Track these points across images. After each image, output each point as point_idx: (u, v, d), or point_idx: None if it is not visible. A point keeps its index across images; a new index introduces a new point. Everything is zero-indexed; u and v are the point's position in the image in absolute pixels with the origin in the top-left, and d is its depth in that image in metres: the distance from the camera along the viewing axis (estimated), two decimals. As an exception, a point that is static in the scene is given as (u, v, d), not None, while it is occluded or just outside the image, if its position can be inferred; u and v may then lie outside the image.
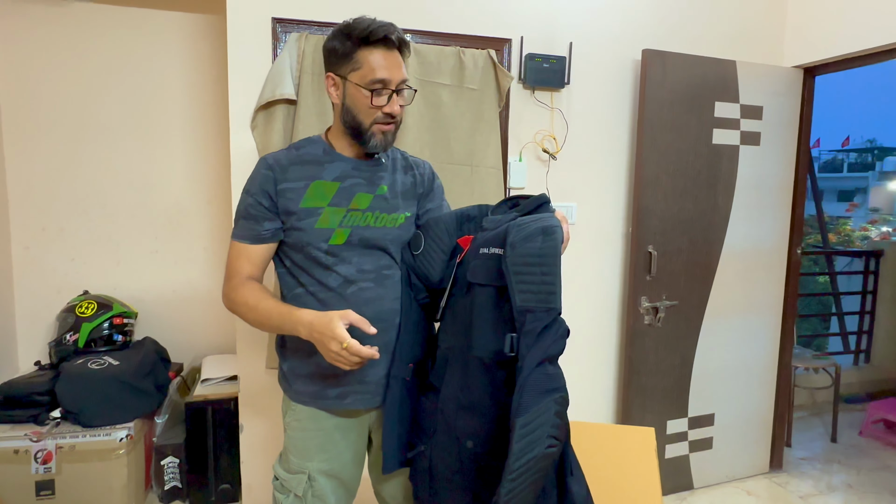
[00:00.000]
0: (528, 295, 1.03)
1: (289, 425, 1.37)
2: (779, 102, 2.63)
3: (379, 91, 1.24)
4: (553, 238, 1.04)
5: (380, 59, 1.23)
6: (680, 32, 2.54)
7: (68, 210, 2.59)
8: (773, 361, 2.81)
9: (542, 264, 1.03)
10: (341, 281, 1.29)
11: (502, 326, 1.09)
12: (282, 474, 1.37)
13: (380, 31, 1.22)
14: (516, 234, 1.07)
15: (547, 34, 2.36)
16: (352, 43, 1.23)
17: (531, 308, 1.02)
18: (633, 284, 2.49)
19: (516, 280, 1.03)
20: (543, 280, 1.03)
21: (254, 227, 1.29)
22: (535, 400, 0.99)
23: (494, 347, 1.10)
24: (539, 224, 1.07)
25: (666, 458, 2.61)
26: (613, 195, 2.56)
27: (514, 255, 1.05)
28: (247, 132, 2.06)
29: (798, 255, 2.80)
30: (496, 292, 1.11)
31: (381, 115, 1.26)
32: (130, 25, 2.58)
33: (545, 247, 1.03)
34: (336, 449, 1.37)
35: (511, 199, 1.29)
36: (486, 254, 1.14)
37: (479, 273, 1.16)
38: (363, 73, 1.23)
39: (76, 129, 2.57)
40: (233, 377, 2.43)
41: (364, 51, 1.23)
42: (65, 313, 2.48)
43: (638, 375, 2.53)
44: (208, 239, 2.76)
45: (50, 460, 2.14)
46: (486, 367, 1.13)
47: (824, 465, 3.01)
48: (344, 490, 1.40)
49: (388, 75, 1.24)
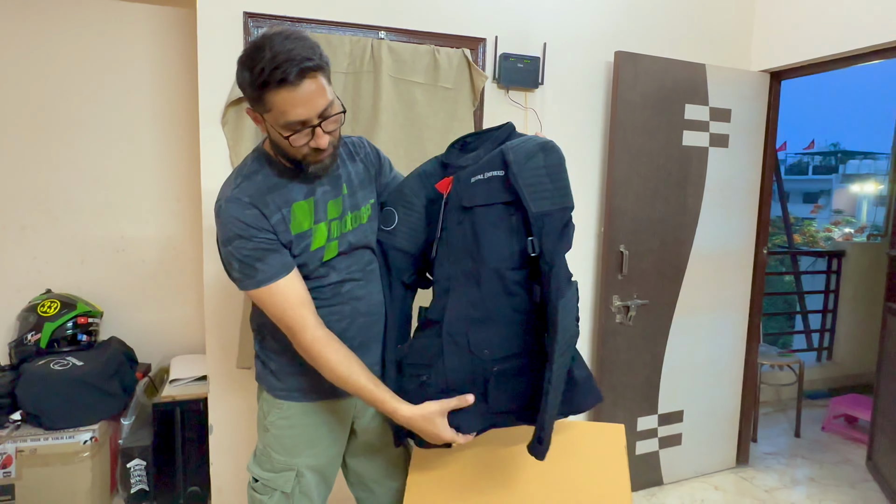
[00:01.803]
0: (543, 201, 1.16)
1: (273, 424, 1.35)
2: (746, 106, 2.70)
3: (298, 129, 1.13)
4: (554, 150, 1.20)
5: (287, 100, 1.08)
6: (652, 35, 2.58)
7: (30, 208, 2.50)
8: (739, 359, 2.88)
9: (550, 173, 1.17)
10: (333, 285, 1.30)
11: (514, 235, 1.20)
12: (263, 474, 1.35)
13: (276, 74, 1.05)
14: (516, 155, 1.19)
15: (521, 34, 2.37)
16: (254, 86, 1.09)
17: (548, 211, 1.16)
18: (605, 283, 2.52)
19: (529, 192, 1.16)
20: (555, 186, 1.17)
21: (277, 258, 1.20)
22: (567, 285, 1.16)
23: (509, 255, 1.21)
24: (534, 142, 1.21)
25: (636, 454, 2.65)
26: (586, 195, 2.59)
27: (522, 171, 1.17)
28: (217, 128, 2.03)
29: (764, 254, 2.87)
30: (503, 207, 1.20)
31: (309, 151, 1.17)
32: (97, 18, 2.50)
33: (549, 158, 1.18)
34: (323, 444, 1.38)
35: (458, 140, 1.36)
36: (481, 179, 1.23)
37: (479, 196, 1.23)
38: (275, 115, 1.11)
39: (38, 125, 2.48)
40: (202, 377, 2.39)
41: (269, 94, 1.08)
42: (26, 312, 2.40)
43: (610, 373, 2.56)
44: (177, 238, 2.70)
45: (10, 464, 2.07)
46: (500, 275, 1.22)
47: (789, 459, 3.09)
48: (325, 485, 1.43)
49: (304, 115, 1.11)
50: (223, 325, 2.15)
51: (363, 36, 2.12)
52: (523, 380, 1.25)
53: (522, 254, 1.20)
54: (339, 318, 1.30)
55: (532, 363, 1.25)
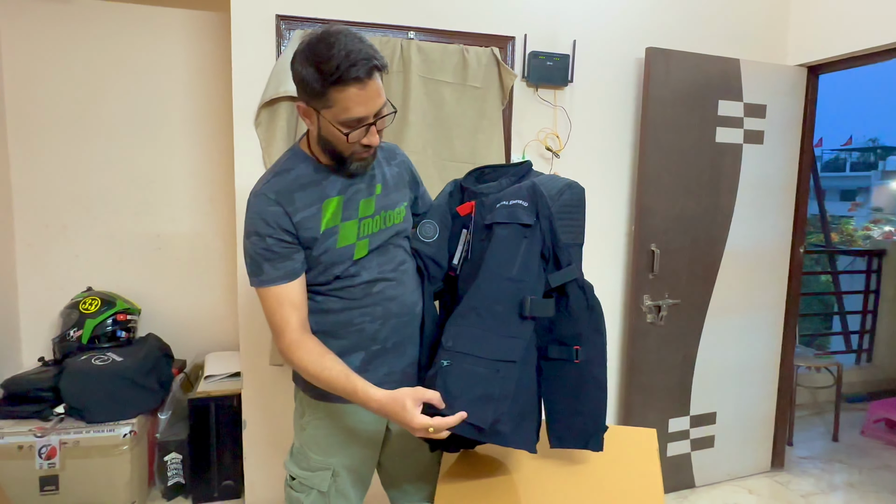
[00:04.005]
0: (568, 235, 1.30)
1: (309, 423, 1.37)
2: (782, 101, 2.63)
3: (355, 126, 1.15)
4: (578, 190, 1.34)
5: (353, 97, 1.11)
6: (684, 30, 2.53)
7: (72, 207, 2.59)
8: (775, 360, 2.81)
9: (573, 211, 1.32)
10: (364, 284, 1.29)
11: (519, 252, 1.27)
12: (300, 473, 1.36)
13: (352, 71, 1.08)
14: (549, 190, 1.31)
15: (550, 32, 2.36)
16: (322, 82, 1.10)
17: (571, 244, 1.31)
18: (636, 283, 2.49)
19: (560, 225, 1.29)
20: (577, 223, 1.33)
21: (285, 264, 1.21)
22: (591, 293, 1.31)
23: (508, 266, 1.27)
24: (562, 181, 1.35)
25: (667, 456, 2.61)
26: (616, 193, 2.56)
27: (554, 205, 1.29)
28: (250, 129, 2.07)
29: (801, 254, 2.80)
30: (519, 227, 1.28)
31: (360, 147, 1.19)
32: (134, 23, 2.58)
33: (573, 198, 1.32)
34: (357, 444, 1.38)
35: (476, 169, 1.46)
36: (506, 205, 1.31)
37: (501, 217, 1.30)
38: (336, 112, 1.13)
39: (80, 127, 2.57)
40: (236, 374, 2.44)
41: (336, 91, 1.10)
42: (68, 309, 2.48)
43: (639, 374, 2.53)
44: (211, 236, 2.76)
45: (54, 456, 2.15)
46: (495, 281, 1.27)
47: (826, 464, 3.01)
48: (362, 484, 1.43)
49: (364, 112, 1.14)
50: (256, 323, 2.19)
51: (393, 36, 2.14)
52: (470, 382, 1.20)
53: (528, 270, 1.26)
54: (372, 319, 1.30)
55: (491, 374, 1.21)
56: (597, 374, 1.30)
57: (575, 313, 1.29)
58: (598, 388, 1.30)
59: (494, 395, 1.20)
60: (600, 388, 1.31)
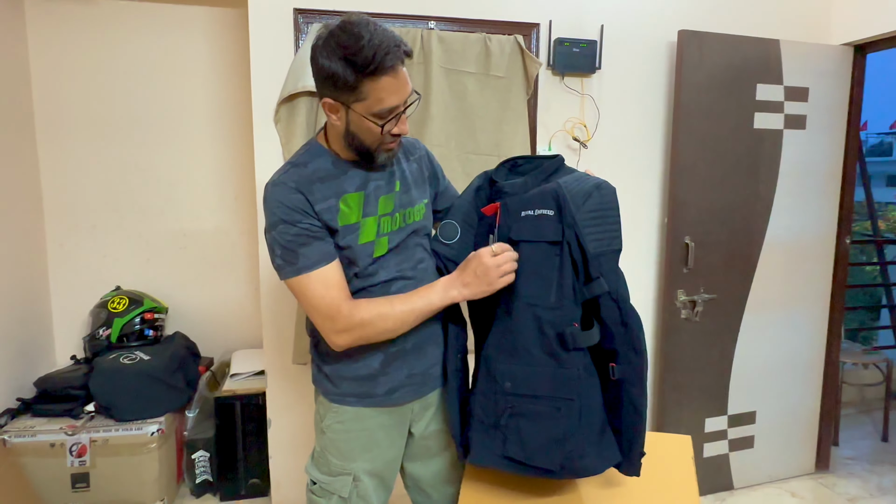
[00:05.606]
0: (598, 243, 1.18)
1: (329, 427, 1.33)
2: (826, 83, 2.48)
3: (387, 117, 1.13)
4: (608, 191, 1.21)
5: (387, 87, 1.09)
6: (718, 11, 2.41)
7: (100, 207, 2.62)
8: (819, 356, 2.67)
9: (605, 216, 1.19)
10: (382, 284, 1.26)
11: (553, 275, 1.19)
12: (321, 477, 1.34)
13: (387, 61, 1.06)
14: (573, 196, 1.18)
15: (576, 18, 2.27)
16: (355, 75, 1.07)
17: (603, 252, 1.18)
18: (669, 277, 2.39)
19: (587, 233, 1.17)
20: (609, 228, 1.20)
21: (321, 246, 1.17)
22: (627, 306, 1.21)
23: (544, 294, 1.19)
24: (590, 182, 1.22)
25: (704, 457, 2.51)
26: (648, 184, 2.46)
27: (579, 212, 1.17)
28: (270, 125, 2.04)
29: (847, 244, 2.65)
30: (548, 246, 1.19)
31: (390, 137, 1.17)
32: (156, 22, 2.58)
33: (602, 201, 1.19)
34: (379, 448, 1.35)
35: (509, 160, 1.38)
36: (531, 216, 1.21)
37: (526, 231, 1.21)
38: (369, 104, 1.11)
39: (106, 127, 2.59)
40: (261, 372, 2.43)
41: (370, 82, 1.08)
42: (98, 308, 2.52)
43: (674, 372, 2.44)
44: (235, 234, 2.77)
45: (84, 454, 2.18)
46: (533, 313, 1.20)
47: (874, 465, 2.86)
48: (384, 489, 1.40)
49: (398, 101, 1.12)
50: (279, 321, 2.18)
51: (413, 27, 2.08)
52: (538, 426, 1.19)
53: (564, 293, 1.18)
54: None
55: (552, 412, 1.19)
56: (634, 397, 1.21)
57: (608, 329, 1.20)
58: (634, 411, 1.21)
59: (558, 436, 1.17)
60: (637, 412, 1.21)
